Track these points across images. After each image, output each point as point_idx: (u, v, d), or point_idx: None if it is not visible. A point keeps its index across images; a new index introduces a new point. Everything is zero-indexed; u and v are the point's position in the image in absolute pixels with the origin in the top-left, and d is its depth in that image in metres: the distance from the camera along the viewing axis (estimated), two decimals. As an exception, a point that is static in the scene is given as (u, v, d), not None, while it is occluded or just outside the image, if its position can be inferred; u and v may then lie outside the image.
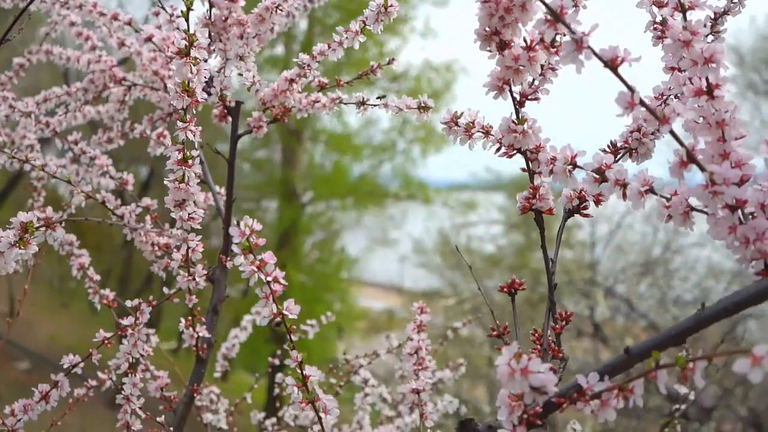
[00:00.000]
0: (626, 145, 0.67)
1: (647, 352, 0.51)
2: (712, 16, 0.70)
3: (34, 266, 1.13)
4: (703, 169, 0.50)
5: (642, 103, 0.49)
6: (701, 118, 0.54)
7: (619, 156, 0.67)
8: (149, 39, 1.02)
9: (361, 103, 0.94)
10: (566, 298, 7.06)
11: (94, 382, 1.10)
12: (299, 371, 0.63)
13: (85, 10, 1.08)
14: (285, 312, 0.61)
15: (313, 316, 1.39)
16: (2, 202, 6.75)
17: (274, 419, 1.36)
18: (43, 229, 0.66)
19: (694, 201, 0.54)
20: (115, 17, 1.07)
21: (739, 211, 0.52)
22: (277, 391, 1.46)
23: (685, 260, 7.39)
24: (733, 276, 6.76)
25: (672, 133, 0.50)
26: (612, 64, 0.49)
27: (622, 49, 0.49)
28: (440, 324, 7.13)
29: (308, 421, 1.30)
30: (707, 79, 0.52)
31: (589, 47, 0.49)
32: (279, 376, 1.13)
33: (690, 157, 0.50)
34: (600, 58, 0.49)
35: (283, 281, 0.61)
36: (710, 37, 0.69)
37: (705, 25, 0.69)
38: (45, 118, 1.13)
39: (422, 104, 0.83)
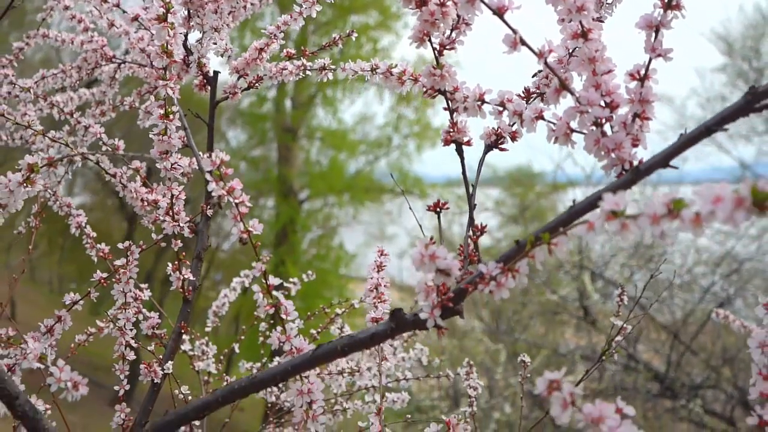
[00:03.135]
0: (537, 90, 0.79)
1: (546, 237, 0.63)
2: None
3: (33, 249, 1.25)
4: (573, 94, 0.62)
5: (522, 42, 0.61)
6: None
7: (532, 99, 0.79)
8: (135, 18, 1.14)
9: (323, 68, 1.06)
10: (559, 287, 7.21)
11: (93, 329, 1.23)
12: (263, 281, 0.76)
13: (79, -6, 1.20)
14: (251, 229, 0.73)
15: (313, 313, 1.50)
16: None
17: (259, 365, 1.48)
18: (47, 167, 0.78)
19: (574, 125, 0.66)
20: (104, 0, 1.19)
21: (608, 129, 0.64)
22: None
23: (678, 246, 7.54)
24: (719, 258, 6.91)
25: (547, 65, 0.62)
26: (499, 11, 0.62)
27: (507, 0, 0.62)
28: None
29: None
30: (581, 24, 0.64)
31: (479, -2, 0.61)
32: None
33: (563, 85, 0.63)
34: (489, 7, 0.62)
35: (248, 204, 0.73)
36: (609, -2, 0.82)
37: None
38: (44, 94, 1.26)
39: (374, 67, 0.95)
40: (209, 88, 1.11)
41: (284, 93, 11.21)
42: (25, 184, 0.78)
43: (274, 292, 0.76)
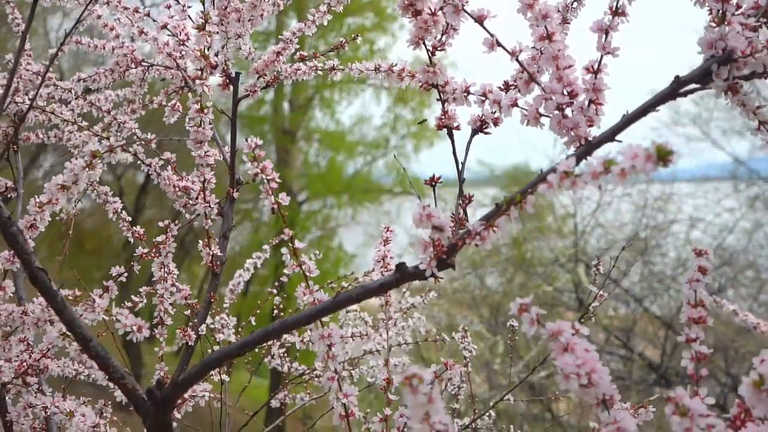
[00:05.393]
0: (515, 83, 0.94)
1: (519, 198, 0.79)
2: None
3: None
4: (539, 85, 0.78)
5: (498, 44, 0.77)
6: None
7: (511, 90, 0.94)
8: (164, 26, 1.29)
9: (332, 69, 1.22)
10: (555, 281, 7.37)
11: (129, 303, 1.38)
12: (291, 244, 0.91)
13: (112, 5, 1.35)
14: (280, 200, 0.89)
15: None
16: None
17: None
18: (108, 153, 0.93)
19: (542, 110, 0.81)
20: (136, 10, 1.34)
21: (569, 112, 0.79)
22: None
23: (674, 240, 7.73)
24: (713, 250, 7.09)
25: (519, 62, 0.78)
26: (479, 20, 0.77)
27: (486, 9, 0.77)
28: (442, 317, 7.44)
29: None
30: (546, 28, 0.80)
31: (463, 9, 0.77)
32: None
33: (531, 78, 0.78)
34: (472, 17, 0.77)
35: (278, 180, 0.88)
36: (575, 3, 0.97)
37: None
38: (82, 94, 1.41)
39: (377, 66, 1.11)
40: (231, 87, 1.26)
41: (282, 95, 11.38)
42: (87, 169, 0.93)
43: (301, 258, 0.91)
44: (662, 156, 0.55)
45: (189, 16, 1.21)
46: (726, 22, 0.70)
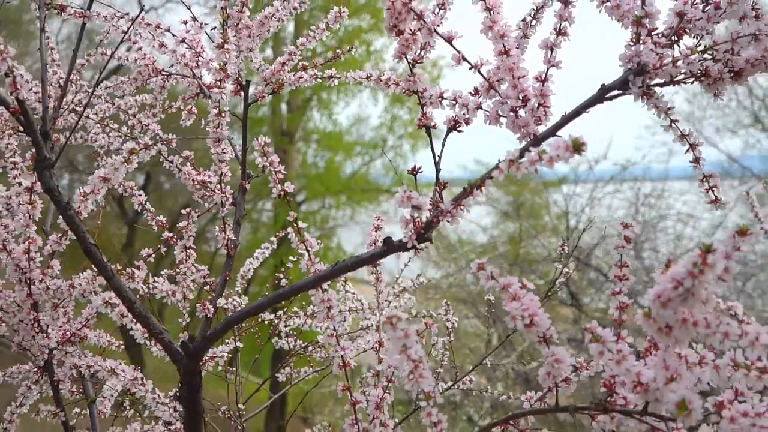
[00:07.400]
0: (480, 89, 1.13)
1: (479, 181, 0.97)
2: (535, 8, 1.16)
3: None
4: (497, 92, 0.96)
5: (463, 58, 0.95)
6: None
7: (479, 96, 1.13)
8: (183, 40, 1.48)
9: (331, 77, 1.40)
10: (547, 276, 7.56)
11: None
12: (295, 225, 1.09)
13: (136, 22, 1.53)
14: (285, 188, 1.07)
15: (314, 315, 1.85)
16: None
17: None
18: (143, 150, 1.12)
19: (501, 112, 1.00)
20: (158, 26, 1.53)
21: (522, 113, 0.98)
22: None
23: (664, 235, 7.94)
24: (696, 245, 7.29)
25: (480, 73, 0.96)
26: (448, 40, 0.96)
27: (454, 30, 0.96)
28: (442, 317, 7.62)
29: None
30: (503, 45, 0.98)
31: (435, 31, 0.95)
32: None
33: (490, 86, 0.97)
34: (442, 37, 0.96)
35: (283, 171, 1.07)
36: (534, 21, 1.16)
37: (530, 14, 1.16)
38: (112, 99, 1.59)
39: (368, 75, 1.29)
40: (243, 93, 1.45)
41: (280, 97, 11.55)
42: (126, 163, 1.11)
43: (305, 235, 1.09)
44: (577, 147, 0.73)
45: (206, 33, 1.40)
46: (640, 41, 0.88)
